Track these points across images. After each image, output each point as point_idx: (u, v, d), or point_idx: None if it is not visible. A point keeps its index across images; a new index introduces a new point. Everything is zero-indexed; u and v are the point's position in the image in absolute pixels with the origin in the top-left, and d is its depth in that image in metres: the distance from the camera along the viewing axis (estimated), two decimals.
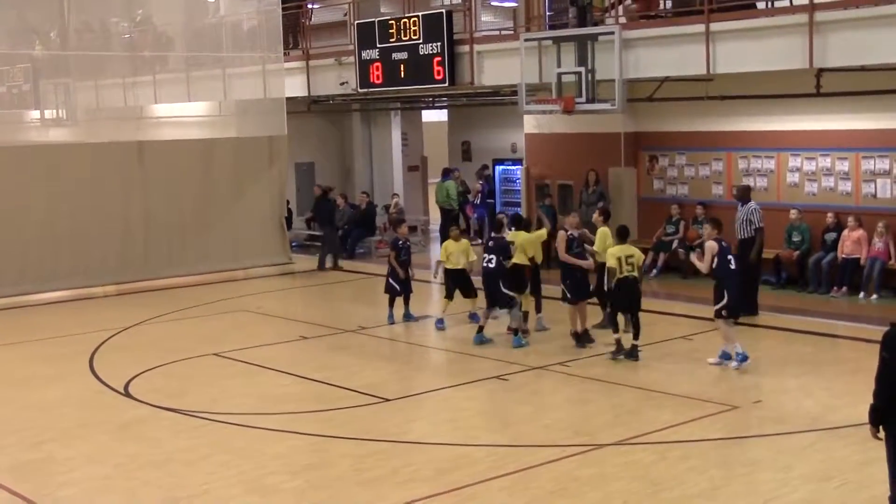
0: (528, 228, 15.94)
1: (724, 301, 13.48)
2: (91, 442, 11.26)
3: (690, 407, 11.83)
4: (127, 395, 13.08)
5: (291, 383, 13.64)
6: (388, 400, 12.54)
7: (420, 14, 21.91)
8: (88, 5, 25.84)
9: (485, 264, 15.20)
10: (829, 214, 18.35)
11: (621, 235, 14.39)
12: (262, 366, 14.47)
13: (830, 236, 18.30)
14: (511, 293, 15.06)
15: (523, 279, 15.35)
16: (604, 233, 15.43)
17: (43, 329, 17.52)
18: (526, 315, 15.49)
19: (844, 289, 17.96)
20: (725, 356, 13.57)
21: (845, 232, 18.06)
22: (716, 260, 13.49)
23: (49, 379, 14.09)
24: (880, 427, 7.54)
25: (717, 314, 13.60)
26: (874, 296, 17.53)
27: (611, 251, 14.14)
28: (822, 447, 10.34)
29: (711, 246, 13.58)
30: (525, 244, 15.44)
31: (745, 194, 16.84)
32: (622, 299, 14.05)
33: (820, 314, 16.71)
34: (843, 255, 18.01)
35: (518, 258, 15.44)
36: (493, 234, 15.90)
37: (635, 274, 14.01)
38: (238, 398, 12.87)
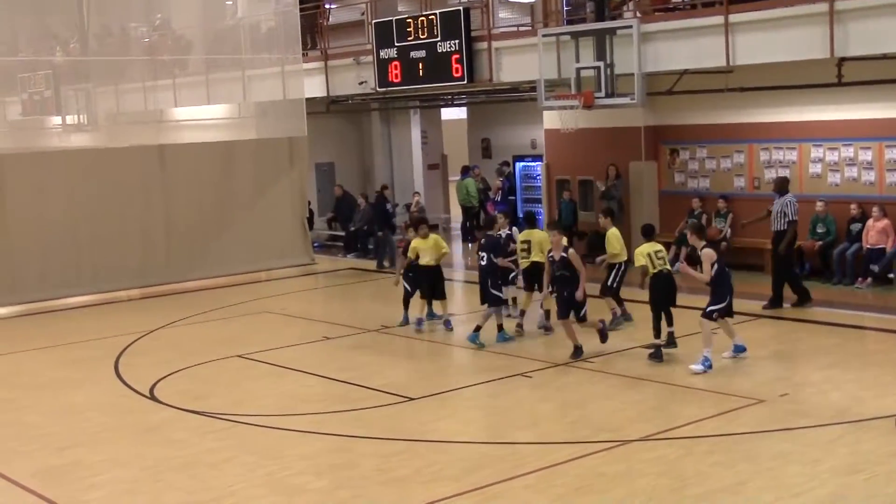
0: (538, 226, 15.92)
1: (722, 304, 13.18)
2: (117, 445, 11.29)
3: (716, 401, 11.76)
4: (152, 398, 13.12)
5: (315, 384, 13.65)
6: (411, 399, 12.52)
7: (437, 12, 21.89)
8: (108, 10, 26.02)
9: (478, 261, 15.18)
10: (853, 205, 18.21)
11: (646, 233, 14.32)
12: (286, 367, 14.49)
13: (856, 227, 18.16)
14: (498, 293, 15.00)
15: (541, 277, 15.29)
16: (614, 234, 15.47)
17: (67, 334, 17.60)
18: (548, 313, 15.46)
19: (870, 279, 17.82)
20: (739, 349, 13.46)
21: (870, 222, 17.92)
22: (715, 266, 13.14)
23: (74, 383, 14.15)
24: None
25: (708, 315, 13.19)
26: None
27: (638, 250, 14.00)
28: (849, 440, 10.25)
29: (709, 254, 13.19)
30: (542, 242, 15.40)
31: (782, 186, 16.67)
32: (659, 294, 13.87)
33: (846, 305, 16.60)
34: (868, 246, 17.87)
35: (536, 256, 15.41)
36: (487, 233, 15.84)
37: (668, 268, 13.90)
38: (262, 399, 12.89)
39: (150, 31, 26.60)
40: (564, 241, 14.46)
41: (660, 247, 13.93)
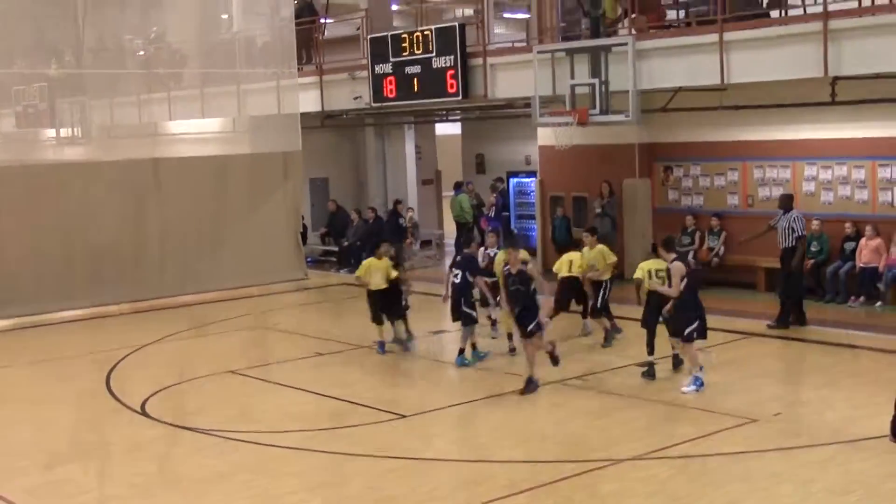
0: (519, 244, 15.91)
1: (697, 324, 12.98)
2: (108, 462, 11.24)
3: (709, 420, 11.74)
4: (144, 413, 13.07)
5: (308, 400, 13.60)
6: (404, 416, 12.49)
7: (433, 27, 21.93)
8: (104, 24, 25.96)
9: (452, 278, 15.06)
10: (848, 224, 18.24)
11: (655, 249, 14.27)
12: (279, 383, 14.45)
13: (849, 245, 18.18)
14: (470, 311, 14.82)
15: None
16: (599, 251, 15.55)
17: (60, 348, 17.56)
18: (510, 336, 15.32)
19: (862, 298, 17.84)
20: (699, 381, 13.00)
21: (863, 241, 17.94)
22: (684, 281, 12.99)
23: (65, 398, 14.10)
24: None
25: (688, 338, 12.97)
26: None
27: (641, 264, 14.00)
28: (843, 460, 10.24)
29: (679, 267, 13.06)
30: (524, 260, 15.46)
31: (787, 203, 16.65)
32: (653, 313, 13.83)
33: (839, 324, 16.59)
34: (861, 264, 17.89)
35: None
36: (464, 250, 15.80)
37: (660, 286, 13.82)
38: (254, 416, 12.85)
39: (145, 45, 26.57)
40: (525, 255, 14.36)
41: (663, 265, 13.85)
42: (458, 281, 14.93)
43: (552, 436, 11.63)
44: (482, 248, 16.55)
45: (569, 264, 15.89)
